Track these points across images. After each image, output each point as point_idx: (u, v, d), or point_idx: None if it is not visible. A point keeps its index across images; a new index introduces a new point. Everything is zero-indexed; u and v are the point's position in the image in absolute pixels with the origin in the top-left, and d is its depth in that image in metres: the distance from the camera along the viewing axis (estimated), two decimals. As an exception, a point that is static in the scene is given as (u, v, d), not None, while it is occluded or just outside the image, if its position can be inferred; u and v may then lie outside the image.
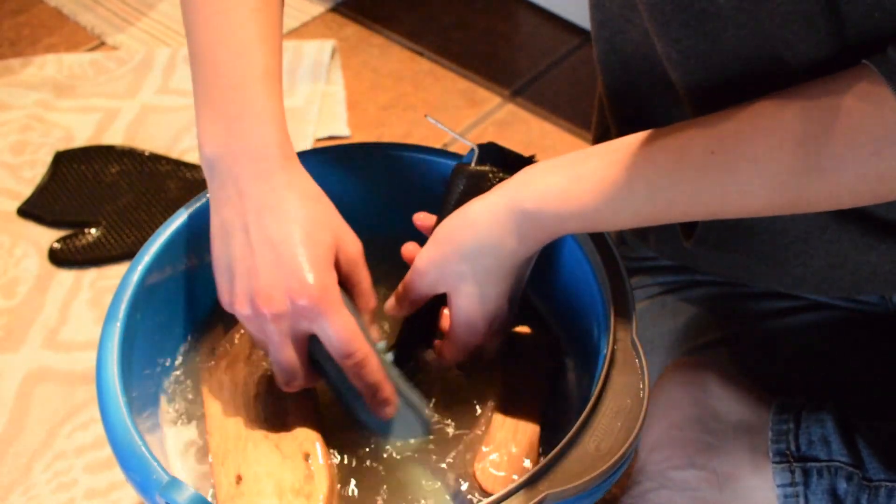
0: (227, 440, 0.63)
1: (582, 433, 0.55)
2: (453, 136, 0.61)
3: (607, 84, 0.72)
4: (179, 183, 1.12)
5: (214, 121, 0.61)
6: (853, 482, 0.59)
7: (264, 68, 0.61)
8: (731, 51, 0.54)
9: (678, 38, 0.55)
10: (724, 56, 0.55)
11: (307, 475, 0.61)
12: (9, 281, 1.02)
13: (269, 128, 0.60)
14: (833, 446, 0.60)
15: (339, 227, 0.62)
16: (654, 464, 0.65)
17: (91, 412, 0.89)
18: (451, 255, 0.61)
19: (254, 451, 0.62)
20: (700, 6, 0.53)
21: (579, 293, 0.67)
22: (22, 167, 1.16)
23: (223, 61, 0.61)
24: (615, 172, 0.56)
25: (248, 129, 0.60)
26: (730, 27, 0.53)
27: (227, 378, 0.67)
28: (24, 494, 0.83)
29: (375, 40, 1.38)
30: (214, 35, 0.62)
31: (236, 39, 0.61)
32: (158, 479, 0.54)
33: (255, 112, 0.60)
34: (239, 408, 0.65)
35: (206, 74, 0.61)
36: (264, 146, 0.60)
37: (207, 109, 0.61)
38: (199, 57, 0.62)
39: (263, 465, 0.61)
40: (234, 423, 0.64)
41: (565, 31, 1.39)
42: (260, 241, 0.59)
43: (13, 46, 1.37)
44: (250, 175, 0.59)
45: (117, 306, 0.64)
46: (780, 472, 0.61)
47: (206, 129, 0.61)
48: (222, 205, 0.60)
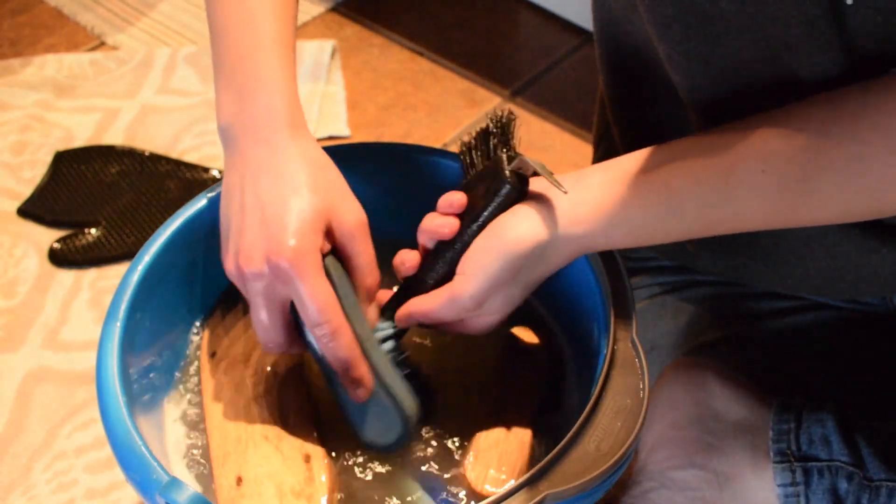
0: (228, 442, 0.63)
1: (582, 433, 0.55)
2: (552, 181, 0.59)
3: (608, 85, 0.72)
4: (179, 183, 1.12)
5: (226, 91, 0.63)
6: (854, 482, 0.59)
7: (274, 36, 0.63)
8: (732, 54, 0.54)
9: (679, 40, 0.55)
10: (725, 59, 0.55)
11: (308, 477, 0.60)
12: (9, 281, 1.02)
13: (275, 96, 0.62)
14: (834, 446, 0.60)
15: (338, 196, 0.62)
16: (654, 464, 0.65)
17: (91, 412, 0.89)
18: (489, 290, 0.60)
19: (254, 452, 0.62)
20: (701, 8, 0.53)
21: (579, 293, 0.67)
22: (22, 167, 1.16)
23: (235, 33, 0.63)
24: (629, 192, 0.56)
25: (256, 98, 0.61)
26: (731, 30, 0.53)
27: (226, 379, 0.67)
28: (24, 494, 0.83)
29: (375, 40, 1.38)
30: (228, 8, 0.63)
31: (248, 12, 0.63)
32: (158, 479, 0.54)
33: (262, 80, 0.62)
34: (239, 409, 0.65)
35: (220, 46, 0.63)
36: (270, 113, 0.61)
37: (221, 80, 0.63)
38: (215, 30, 0.64)
39: (264, 467, 0.61)
40: (234, 425, 0.64)
41: (565, 31, 1.38)
42: (251, 202, 0.59)
43: (13, 46, 1.37)
44: (253, 141, 0.61)
45: (117, 306, 0.64)
46: (780, 471, 0.61)
47: (220, 99, 0.63)
48: (229, 169, 0.62)
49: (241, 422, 0.64)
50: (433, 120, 1.24)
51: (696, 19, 0.53)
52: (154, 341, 0.69)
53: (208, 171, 1.14)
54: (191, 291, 0.74)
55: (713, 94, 0.57)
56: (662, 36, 0.56)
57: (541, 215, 0.58)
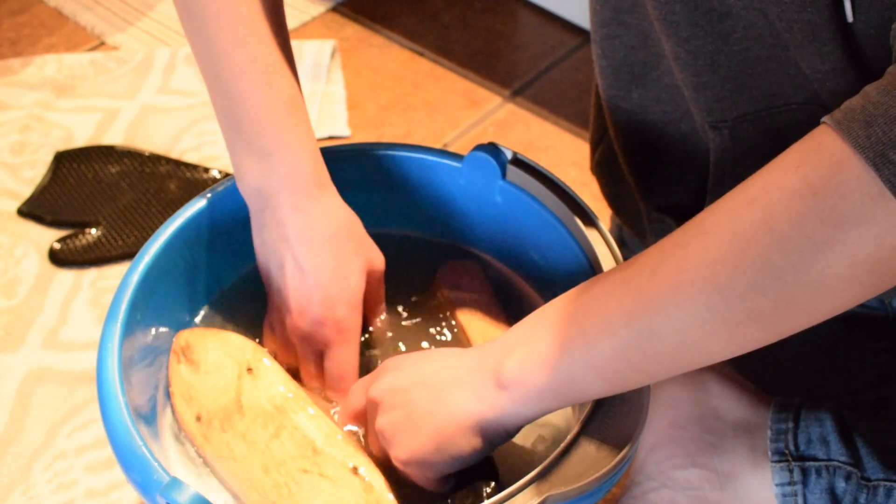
0: (266, 492, 0.61)
1: (582, 434, 0.55)
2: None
3: (604, 87, 0.71)
4: (179, 183, 1.12)
5: (250, 155, 0.64)
6: (851, 481, 0.59)
7: (290, 98, 0.64)
8: (739, 52, 0.54)
9: (687, 37, 0.55)
10: (732, 57, 0.54)
11: (365, 486, 0.59)
12: (9, 281, 1.02)
13: (302, 160, 0.65)
14: (832, 446, 0.60)
15: (368, 251, 0.69)
16: (654, 463, 0.65)
17: (91, 412, 0.89)
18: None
19: (300, 491, 0.60)
20: (710, 5, 0.52)
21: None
22: (22, 167, 1.16)
23: (249, 95, 0.63)
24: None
25: (283, 162, 0.64)
26: (739, 27, 0.53)
27: (229, 436, 0.64)
28: (24, 494, 0.83)
29: (375, 40, 1.38)
30: (237, 68, 0.63)
31: (259, 71, 0.63)
32: (159, 479, 0.54)
33: (287, 145, 0.64)
34: (262, 456, 0.62)
35: (234, 108, 0.64)
36: (299, 177, 0.64)
37: (241, 144, 0.65)
38: (223, 89, 0.64)
39: (318, 498, 0.59)
40: (263, 476, 0.62)
41: (565, 31, 1.38)
42: (294, 269, 0.64)
43: (13, 46, 1.37)
44: (287, 206, 0.64)
45: (117, 306, 0.64)
46: (778, 470, 0.61)
47: (242, 162, 0.65)
48: (263, 228, 0.66)
49: (270, 467, 0.62)
50: (433, 120, 1.24)
51: (705, 16, 0.53)
52: (154, 341, 0.69)
53: (208, 171, 1.14)
54: (191, 291, 0.74)
55: (719, 92, 0.57)
56: (670, 33, 0.56)
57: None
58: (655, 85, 0.66)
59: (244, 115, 0.64)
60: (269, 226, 0.65)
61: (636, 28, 0.64)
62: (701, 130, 0.63)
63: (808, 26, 0.50)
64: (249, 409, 0.64)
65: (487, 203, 0.76)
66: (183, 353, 0.68)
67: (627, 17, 0.64)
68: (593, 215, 0.69)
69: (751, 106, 0.58)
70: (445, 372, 0.57)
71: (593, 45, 0.70)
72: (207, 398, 0.66)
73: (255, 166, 0.64)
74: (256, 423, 0.64)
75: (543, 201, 0.72)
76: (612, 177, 0.82)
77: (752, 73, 0.55)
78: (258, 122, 0.64)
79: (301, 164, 0.64)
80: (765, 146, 0.60)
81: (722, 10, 0.52)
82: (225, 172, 1.13)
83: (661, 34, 0.57)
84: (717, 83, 0.56)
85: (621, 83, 0.69)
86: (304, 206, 0.64)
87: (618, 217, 0.85)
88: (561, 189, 0.71)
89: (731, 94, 0.57)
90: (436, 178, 0.77)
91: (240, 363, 0.66)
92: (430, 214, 0.79)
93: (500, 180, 0.74)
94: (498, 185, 0.74)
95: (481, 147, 0.74)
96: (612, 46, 0.67)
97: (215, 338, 0.69)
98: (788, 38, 0.51)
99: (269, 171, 0.64)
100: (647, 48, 0.64)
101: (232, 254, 0.75)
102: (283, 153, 0.64)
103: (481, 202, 0.77)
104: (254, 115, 0.64)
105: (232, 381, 0.66)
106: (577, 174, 1.14)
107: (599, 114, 0.81)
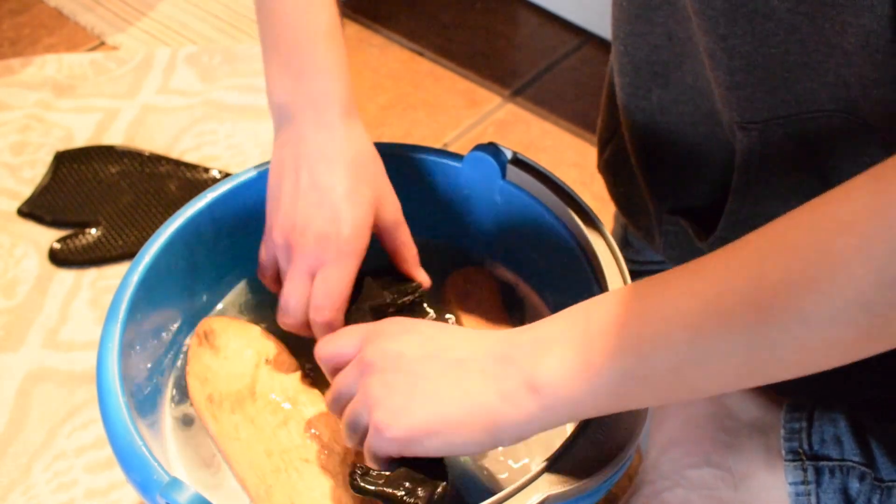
0: (265, 477, 0.61)
1: (583, 434, 0.55)
2: None
3: (623, 85, 0.70)
4: (179, 183, 1.12)
5: (282, 72, 0.66)
6: (865, 482, 0.59)
7: (329, 26, 0.66)
8: (778, 55, 0.53)
9: (725, 34, 0.54)
10: (770, 59, 0.53)
11: None
12: (9, 281, 1.02)
13: (334, 83, 0.66)
14: (845, 446, 0.60)
15: (382, 188, 0.67)
16: (668, 462, 0.65)
17: (91, 412, 0.89)
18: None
19: (299, 479, 0.60)
20: (753, 6, 0.51)
21: (580, 293, 0.67)
22: (22, 167, 1.16)
23: (290, 19, 0.65)
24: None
25: (314, 83, 0.65)
26: (781, 31, 0.51)
27: (238, 418, 0.65)
28: (24, 494, 0.83)
29: (375, 40, 1.38)
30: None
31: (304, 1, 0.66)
32: (159, 479, 0.54)
33: (320, 67, 0.65)
34: (267, 441, 0.63)
35: (274, 28, 0.66)
36: (328, 99, 0.65)
37: (275, 61, 0.66)
38: (268, 14, 0.67)
39: (318, 490, 0.59)
40: (265, 459, 0.62)
41: (565, 31, 1.38)
42: (308, 183, 0.63)
43: (13, 46, 1.37)
44: (312, 123, 0.65)
45: (117, 306, 0.64)
46: (792, 470, 0.60)
47: (274, 78, 0.67)
48: (283, 144, 0.66)
49: (273, 453, 0.62)
50: (433, 120, 1.24)
51: (746, 16, 0.52)
52: (154, 341, 0.69)
53: (208, 171, 1.14)
54: (191, 291, 0.74)
55: (752, 93, 0.56)
56: (708, 29, 0.54)
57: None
58: (676, 86, 0.65)
59: (283, 34, 0.66)
60: (291, 142, 0.65)
61: (662, 26, 0.63)
62: (728, 130, 0.62)
63: (862, 31, 0.48)
64: (262, 396, 0.65)
65: (487, 203, 0.76)
66: (206, 336, 0.70)
67: (654, 14, 0.63)
68: (594, 215, 0.69)
69: (783, 109, 0.57)
70: (463, 351, 0.52)
71: (615, 41, 0.69)
72: (222, 381, 0.67)
73: (287, 83, 0.65)
74: (266, 410, 0.64)
75: (543, 201, 0.72)
76: (620, 176, 0.81)
77: (787, 77, 0.53)
78: (295, 43, 0.65)
79: (331, 87, 0.65)
80: (792, 150, 0.59)
81: (765, 12, 0.50)
82: (225, 172, 1.13)
83: (698, 29, 0.56)
84: (752, 84, 0.55)
85: (641, 81, 0.68)
86: (330, 126, 0.65)
87: (625, 217, 0.84)
88: (561, 189, 0.71)
89: (765, 96, 0.55)
90: (436, 178, 0.77)
91: (260, 353, 0.68)
92: (429, 214, 0.79)
93: (500, 180, 0.74)
94: (498, 185, 0.74)
95: (481, 147, 0.74)
96: (636, 44, 0.66)
97: (239, 328, 0.70)
98: (837, 43, 0.49)
99: (299, 89, 0.65)
100: (671, 48, 0.63)
101: (232, 254, 0.75)
102: (315, 74, 0.65)
103: (481, 202, 0.77)
104: (291, 36, 0.65)
105: (249, 369, 0.67)
106: (577, 174, 1.14)
107: (611, 113, 0.80)
